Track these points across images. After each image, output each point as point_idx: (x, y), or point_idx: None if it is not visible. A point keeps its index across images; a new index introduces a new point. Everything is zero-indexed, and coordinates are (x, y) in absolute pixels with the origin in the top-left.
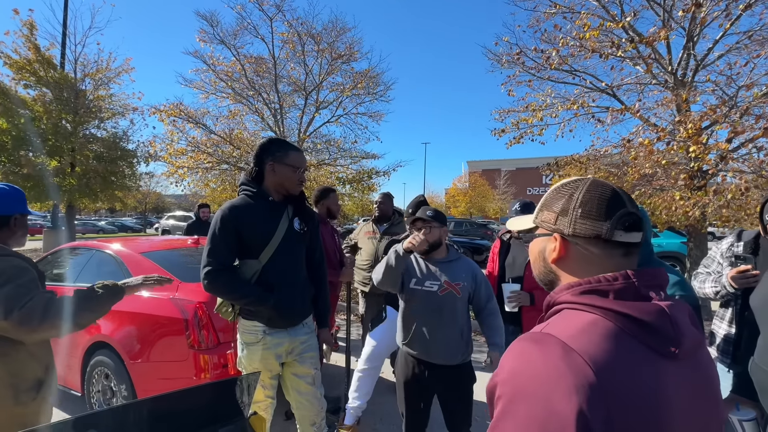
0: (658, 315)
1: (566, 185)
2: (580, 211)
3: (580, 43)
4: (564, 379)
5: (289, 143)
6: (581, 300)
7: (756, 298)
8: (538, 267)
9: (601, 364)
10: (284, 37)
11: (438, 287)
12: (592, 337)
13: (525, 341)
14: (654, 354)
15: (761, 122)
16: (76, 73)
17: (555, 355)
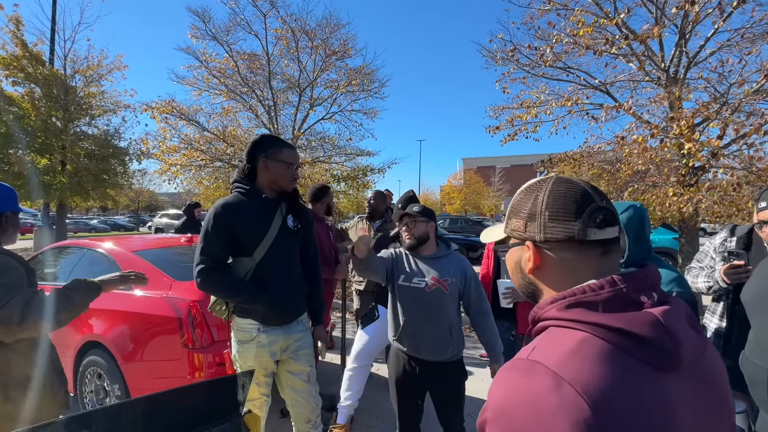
0: (652, 327)
1: (531, 187)
2: (548, 214)
3: (574, 39)
4: (557, 418)
5: (282, 140)
6: (567, 316)
7: (747, 293)
8: (517, 279)
9: (596, 395)
10: (278, 34)
11: (425, 283)
12: (584, 362)
13: (512, 371)
14: (653, 369)
15: (752, 119)
16: (65, 70)
17: (545, 389)
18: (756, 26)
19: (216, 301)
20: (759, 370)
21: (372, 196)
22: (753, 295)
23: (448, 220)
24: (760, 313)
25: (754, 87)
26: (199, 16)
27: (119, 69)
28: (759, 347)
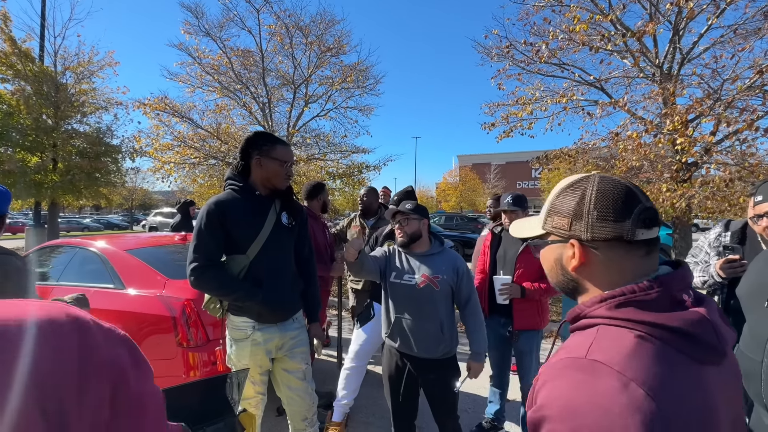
0: (701, 324)
1: (573, 186)
2: (596, 214)
3: (569, 36)
4: (628, 418)
5: (276, 137)
6: (619, 315)
7: (742, 287)
8: (556, 276)
9: (660, 393)
10: (272, 30)
11: (416, 281)
12: (644, 361)
13: (573, 370)
14: (698, 365)
15: (744, 115)
16: (56, 67)
17: (614, 389)
18: (749, 22)
19: (210, 300)
20: (753, 364)
21: (365, 194)
22: (748, 289)
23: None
24: (754, 307)
25: (747, 83)
26: (191, 11)
27: (110, 65)
28: (753, 340)
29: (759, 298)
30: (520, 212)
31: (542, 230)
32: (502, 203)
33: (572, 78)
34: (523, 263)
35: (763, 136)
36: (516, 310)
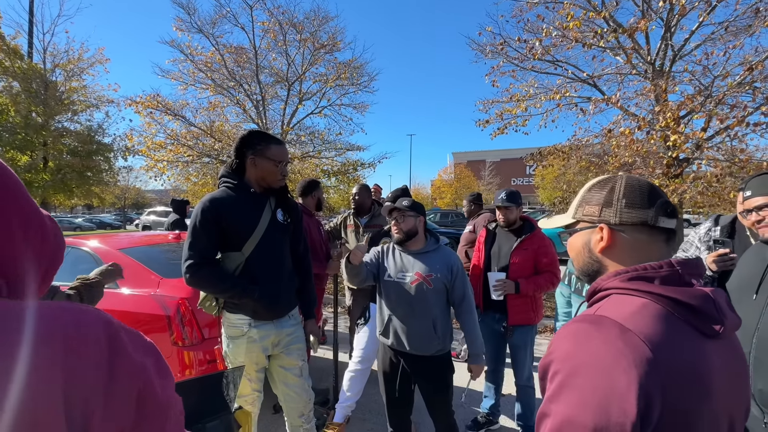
0: (703, 299)
1: (603, 181)
2: (625, 201)
3: (562, 33)
4: (623, 356)
5: (271, 135)
6: (630, 285)
7: (732, 281)
8: (583, 259)
9: (656, 343)
10: (265, 26)
11: (409, 278)
12: (645, 319)
13: (581, 323)
14: (699, 334)
15: (735, 111)
16: (45, 64)
17: (613, 335)
18: (739, 20)
19: (205, 297)
20: None
21: (357, 192)
22: (737, 282)
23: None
24: (743, 300)
25: (737, 80)
26: (183, 7)
27: (101, 62)
28: (741, 333)
29: (748, 291)
30: (514, 208)
31: (573, 219)
32: (497, 199)
33: (565, 75)
34: (517, 259)
35: (753, 132)
36: (510, 305)
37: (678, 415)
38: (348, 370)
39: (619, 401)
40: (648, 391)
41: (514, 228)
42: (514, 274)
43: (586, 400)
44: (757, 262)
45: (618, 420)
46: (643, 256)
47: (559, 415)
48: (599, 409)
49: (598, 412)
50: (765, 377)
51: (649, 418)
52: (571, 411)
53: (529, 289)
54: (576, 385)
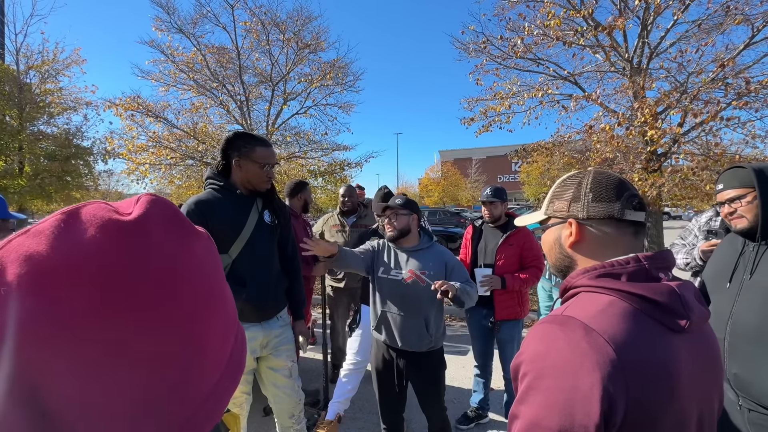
0: (669, 294)
1: (571, 177)
2: (592, 196)
3: (544, 31)
4: (587, 357)
5: (257, 137)
6: (597, 283)
7: (707, 270)
8: (554, 254)
9: (620, 342)
10: (247, 26)
11: (403, 276)
12: (610, 317)
13: (548, 324)
14: (665, 330)
15: (709, 106)
16: (18, 65)
17: (577, 335)
18: (711, 18)
19: None
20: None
21: (348, 193)
22: (712, 271)
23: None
24: (717, 288)
25: (710, 76)
26: (162, 7)
27: (77, 63)
28: (716, 320)
29: (721, 280)
30: (498, 203)
31: (544, 215)
32: (482, 195)
33: (547, 73)
34: (503, 254)
35: (726, 126)
36: (497, 301)
37: (642, 414)
38: (342, 369)
39: (583, 403)
40: (611, 392)
41: (500, 224)
42: (501, 269)
43: (551, 402)
44: (730, 252)
45: (582, 421)
46: (612, 250)
47: (527, 417)
48: (564, 410)
49: (563, 414)
50: (739, 362)
51: (613, 419)
52: (538, 413)
53: (515, 285)
54: (542, 387)
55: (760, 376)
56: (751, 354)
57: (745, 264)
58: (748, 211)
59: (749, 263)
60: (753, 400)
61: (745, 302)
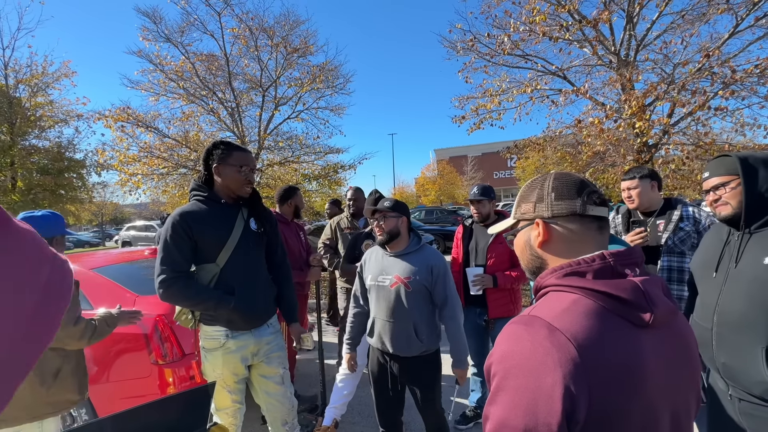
0: (632, 290)
1: (534, 181)
2: (554, 195)
3: (530, 27)
4: (549, 356)
5: (234, 144)
6: (564, 282)
7: (695, 261)
8: (526, 257)
9: (582, 341)
10: (235, 33)
11: (389, 281)
12: (574, 316)
13: (515, 324)
14: (630, 326)
15: (696, 96)
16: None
17: (541, 335)
18: (695, 8)
19: (181, 311)
20: (704, 331)
21: (355, 196)
22: (699, 262)
23: (424, 211)
24: (704, 279)
25: (697, 66)
26: (149, 17)
27: (67, 76)
28: (704, 310)
29: (708, 270)
30: (486, 201)
31: (514, 220)
32: (470, 194)
33: (536, 68)
34: (494, 253)
35: (715, 115)
36: (490, 299)
37: (607, 411)
38: (338, 374)
39: (546, 401)
40: (573, 390)
41: (490, 223)
42: (492, 268)
43: (516, 401)
44: (716, 242)
45: (545, 420)
46: (578, 246)
47: (495, 418)
48: (528, 409)
49: (527, 413)
50: (727, 351)
51: (576, 417)
52: (505, 413)
53: (506, 283)
54: (509, 387)
55: (747, 364)
56: (739, 343)
57: (731, 253)
58: (732, 198)
59: (734, 252)
60: (742, 389)
61: (731, 291)
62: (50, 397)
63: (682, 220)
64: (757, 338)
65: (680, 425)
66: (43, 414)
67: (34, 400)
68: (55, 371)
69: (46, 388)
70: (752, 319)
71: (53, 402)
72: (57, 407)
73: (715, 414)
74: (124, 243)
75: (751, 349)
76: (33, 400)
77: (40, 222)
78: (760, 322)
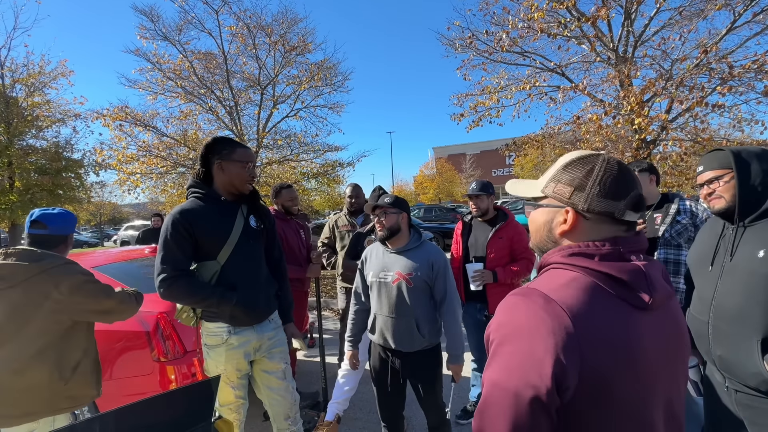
0: (634, 272)
1: (582, 159)
2: (599, 189)
3: (528, 24)
4: (544, 324)
5: (235, 140)
6: (568, 261)
7: (691, 255)
8: (540, 236)
9: (577, 313)
10: (233, 31)
11: (391, 278)
12: (571, 290)
13: (513, 295)
14: (628, 306)
15: (694, 93)
16: (3, 80)
17: (537, 305)
18: (693, 4)
19: (182, 309)
20: (701, 324)
21: (354, 193)
22: (696, 256)
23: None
24: (700, 272)
25: (695, 62)
26: (146, 15)
27: (64, 75)
28: (700, 303)
29: (704, 264)
30: (484, 197)
31: (540, 193)
32: (469, 190)
33: (534, 65)
34: (493, 248)
35: (712, 111)
36: (490, 294)
37: (597, 382)
38: (341, 369)
39: (537, 366)
40: (564, 358)
41: (489, 218)
42: (492, 263)
43: (509, 364)
44: (711, 235)
45: (534, 383)
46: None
47: (489, 380)
48: (519, 372)
49: (519, 376)
50: (723, 344)
51: (566, 384)
52: (498, 376)
53: (506, 277)
54: (503, 352)
55: (744, 357)
56: (734, 336)
57: (726, 247)
58: (726, 191)
59: (729, 245)
60: (738, 380)
61: (727, 285)
62: (69, 391)
63: (679, 213)
64: (753, 331)
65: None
66: (61, 408)
67: (52, 393)
68: (74, 365)
69: (65, 381)
70: (748, 312)
71: (72, 396)
72: (75, 401)
73: (711, 405)
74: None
75: (746, 341)
76: (51, 394)
77: (57, 219)
78: (755, 315)
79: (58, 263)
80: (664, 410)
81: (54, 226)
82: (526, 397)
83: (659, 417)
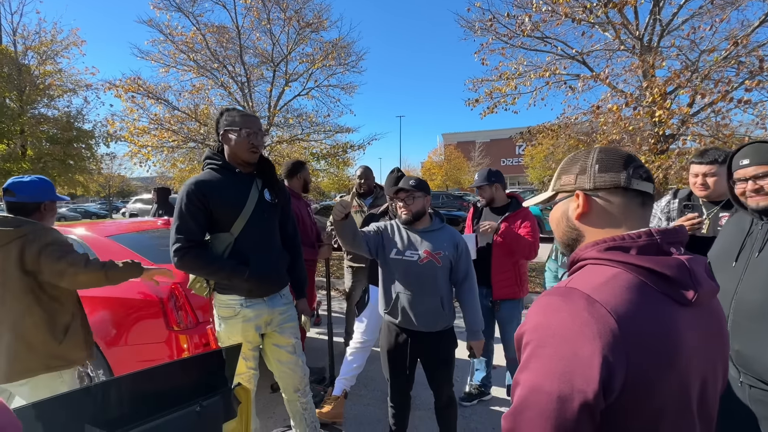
0: (678, 268)
1: (578, 153)
2: (598, 167)
3: (552, 7)
4: (588, 327)
5: (238, 109)
6: (605, 256)
7: (713, 250)
8: (562, 228)
9: (622, 313)
10: (247, 4)
11: (418, 257)
12: (614, 289)
13: (551, 296)
14: (672, 302)
15: (720, 86)
16: (15, 47)
17: (580, 306)
18: None
19: (195, 279)
20: None
21: (363, 175)
22: (718, 251)
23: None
24: (723, 268)
25: (723, 54)
26: None
27: (76, 45)
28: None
29: (728, 259)
30: (486, 187)
31: (552, 192)
32: (475, 180)
33: (555, 52)
34: (501, 234)
35: (736, 107)
36: (494, 281)
37: (642, 383)
38: (350, 346)
39: (583, 370)
40: (611, 360)
41: (500, 206)
42: (498, 247)
43: (551, 368)
44: (737, 231)
45: (581, 388)
46: (620, 220)
47: (527, 383)
48: (563, 377)
49: (563, 380)
50: (742, 339)
51: (612, 387)
52: (538, 379)
53: (509, 236)
54: (543, 355)
55: (762, 352)
56: (754, 331)
57: (753, 242)
58: None
59: (757, 241)
60: (754, 376)
61: (751, 280)
62: (61, 351)
63: None
64: None
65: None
66: (56, 366)
67: (47, 351)
68: (64, 327)
69: (58, 342)
70: None
71: (64, 356)
72: (68, 362)
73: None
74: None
75: (766, 337)
76: (46, 352)
77: (27, 187)
78: None
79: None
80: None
81: (22, 194)
82: (571, 401)
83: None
